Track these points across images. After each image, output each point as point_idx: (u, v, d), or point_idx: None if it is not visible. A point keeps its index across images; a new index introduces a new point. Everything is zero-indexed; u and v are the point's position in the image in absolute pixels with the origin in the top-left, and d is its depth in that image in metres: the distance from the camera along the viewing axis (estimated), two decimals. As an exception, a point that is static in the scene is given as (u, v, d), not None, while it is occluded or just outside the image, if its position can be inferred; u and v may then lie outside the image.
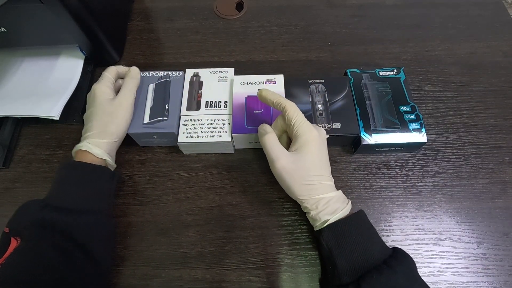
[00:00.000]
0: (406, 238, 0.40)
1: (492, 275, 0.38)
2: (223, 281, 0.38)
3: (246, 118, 0.42)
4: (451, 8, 0.58)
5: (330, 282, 0.35)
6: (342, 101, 0.44)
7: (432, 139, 0.46)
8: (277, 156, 0.35)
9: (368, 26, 0.56)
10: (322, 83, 0.45)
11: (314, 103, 0.43)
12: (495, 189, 0.43)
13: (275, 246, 0.40)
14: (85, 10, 0.45)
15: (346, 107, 0.43)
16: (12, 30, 0.46)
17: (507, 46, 0.54)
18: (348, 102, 0.44)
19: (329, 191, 0.36)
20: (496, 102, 0.49)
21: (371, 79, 0.46)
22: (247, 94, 0.44)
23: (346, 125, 0.42)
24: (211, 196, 0.43)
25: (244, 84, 0.45)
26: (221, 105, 0.44)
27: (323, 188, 0.36)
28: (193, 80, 0.46)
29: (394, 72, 0.46)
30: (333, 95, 0.44)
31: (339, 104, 0.43)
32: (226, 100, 0.44)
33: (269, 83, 0.45)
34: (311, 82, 0.45)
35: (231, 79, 0.46)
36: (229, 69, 0.47)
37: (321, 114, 0.42)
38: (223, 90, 0.45)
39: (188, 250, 0.40)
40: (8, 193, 0.44)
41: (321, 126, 0.42)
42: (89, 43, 0.49)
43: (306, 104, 0.43)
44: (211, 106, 0.44)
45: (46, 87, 0.49)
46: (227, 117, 0.43)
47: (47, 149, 0.47)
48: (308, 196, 0.35)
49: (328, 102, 0.44)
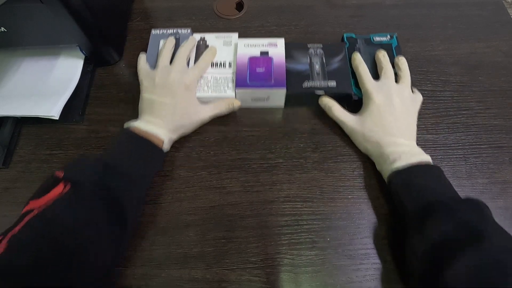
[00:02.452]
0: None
1: (492, 275, 0.38)
2: (223, 281, 0.38)
3: (249, 76, 0.46)
4: (451, 8, 0.58)
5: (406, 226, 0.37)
6: (338, 63, 0.47)
7: (432, 139, 0.46)
8: (345, 119, 0.44)
9: (368, 26, 0.56)
10: (320, 48, 0.49)
11: (312, 64, 0.47)
12: (495, 189, 0.42)
13: (275, 246, 0.40)
14: (85, 10, 0.45)
15: (341, 69, 0.47)
16: (12, 30, 0.46)
17: (507, 46, 0.54)
18: (344, 64, 0.47)
19: (409, 140, 0.42)
20: (496, 102, 0.49)
21: (365, 43, 0.50)
22: (250, 55, 0.48)
23: (340, 83, 0.46)
24: (211, 196, 0.43)
25: (248, 47, 0.49)
26: (226, 65, 0.48)
27: (394, 138, 0.41)
28: (200, 44, 0.50)
29: (388, 38, 0.50)
30: (330, 58, 0.48)
31: (335, 65, 0.47)
32: (230, 61, 0.48)
33: (271, 46, 0.48)
34: (310, 46, 0.49)
35: (235, 43, 0.49)
36: (234, 34, 0.50)
37: (318, 73, 0.46)
38: (228, 52, 0.49)
39: (188, 250, 0.40)
40: (8, 193, 0.44)
41: (318, 84, 0.46)
42: (89, 43, 0.49)
43: (304, 64, 0.47)
44: (217, 66, 0.47)
45: (46, 87, 0.49)
46: (231, 75, 0.47)
47: (47, 149, 0.47)
48: (390, 141, 0.41)
49: (325, 64, 0.47)
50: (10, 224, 0.42)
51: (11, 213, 0.42)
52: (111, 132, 0.48)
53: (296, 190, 0.43)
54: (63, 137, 0.48)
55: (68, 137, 0.47)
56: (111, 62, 0.54)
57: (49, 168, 0.45)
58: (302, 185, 0.43)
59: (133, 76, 0.53)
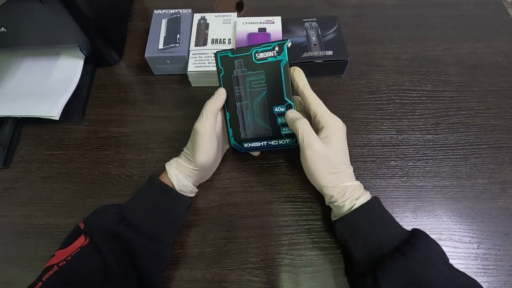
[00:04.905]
0: (406, 238, 0.40)
1: (492, 275, 0.38)
2: (223, 281, 0.38)
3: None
4: (451, 8, 0.58)
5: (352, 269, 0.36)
6: (333, 34, 0.50)
7: (432, 139, 0.46)
8: (312, 142, 0.35)
9: (368, 26, 0.56)
10: (315, 21, 0.52)
11: (309, 36, 0.50)
12: (495, 189, 0.42)
13: (275, 246, 0.40)
14: (85, 10, 0.45)
15: (336, 39, 0.49)
16: (12, 30, 0.46)
17: (507, 46, 0.54)
18: (338, 35, 0.50)
19: (352, 179, 0.37)
20: (496, 102, 0.49)
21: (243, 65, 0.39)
22: (249, 32, 0.50)
23: (336, 52, 0.48)
24: (211, 196, 0.43)
25: (246, 24, 0.51)
26: (225, 42, 0.50)
27: (347, 177, 0.37)
28: (201, 23, 0.52)
29: (274, 53, 0.37)
30: (324, 30, 0.51)
31: (330, 36, 0.50)
32: (230, 38, 0.51)
33: (268, 23, 0.51)
34: (305, 21, 0.52)
35: (234, 21, 0.52)
36: (232, 14, 0.53)
37: (315, 44, 0.49)
38: (227, 30, 0.51)
39: (188, 250, 0.40)
40: (8, 193, 0.44)
41: (315, 54, 0.48)
42: (89, 43, 0.49)
43: (301, 37, 0.50)
44: (217, 43, 0.50)
45: (46, 87, 0.49)
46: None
47: (47, 149, 0.47)
48: (336, 184, 0.36)
49: (321, 35, 0.50)
50: (10, 224, 0.42)
51: (11, 213, 0.42)
52: (111, 132, 0.48)
53: (296, 190, 0.43)
54: (63, 137, 0.48)
55: (68, 137, 0.47)
56: (111, 62, 0.54)
57: (49, 168, 0.45)
58: (302, 185, 0.43)
59: (133, 76, 0.53)
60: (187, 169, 0.38)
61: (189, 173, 0.38)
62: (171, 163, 0.39)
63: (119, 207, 0.37)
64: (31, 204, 0.43)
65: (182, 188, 0.38)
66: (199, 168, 0.38)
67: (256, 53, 0.38)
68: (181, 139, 0.46)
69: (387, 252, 0.32)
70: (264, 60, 0.38)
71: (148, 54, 0.49)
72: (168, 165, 0.39)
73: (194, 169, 0.38)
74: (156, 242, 0.35)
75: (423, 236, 0.33)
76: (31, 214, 0.42)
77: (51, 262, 0.33)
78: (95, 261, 0.33)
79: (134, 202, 0.38)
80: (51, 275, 0.31)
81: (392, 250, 0.32)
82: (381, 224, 0.34)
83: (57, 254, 0.33)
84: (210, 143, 0.38)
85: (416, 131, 0.46)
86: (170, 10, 0.53)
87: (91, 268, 0.32)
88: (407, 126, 0.47)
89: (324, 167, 0.35)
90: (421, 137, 0.46)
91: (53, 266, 0.32)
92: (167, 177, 0.38)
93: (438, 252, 0.33)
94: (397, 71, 0.52)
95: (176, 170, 0.38)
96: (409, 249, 0.32)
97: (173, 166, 0.38)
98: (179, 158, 0.39)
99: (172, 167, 0.38)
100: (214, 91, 0.39)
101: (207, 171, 0.40)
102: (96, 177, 0.44)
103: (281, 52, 0.37)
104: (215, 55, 0.39)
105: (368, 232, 0.34)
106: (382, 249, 0.33)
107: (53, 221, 0.42)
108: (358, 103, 0.49)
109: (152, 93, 0.51)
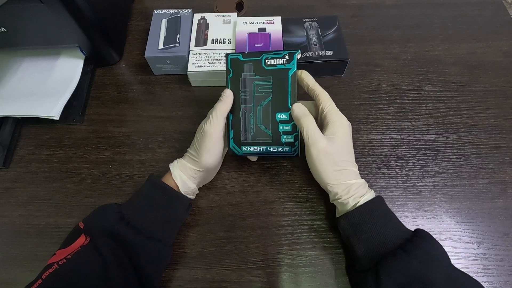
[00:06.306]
0: (406, 238, 0.40)
1: (492, 275, 0.38)
2: (223, 281, 0.38)
3: (248, 51, 0.48)
4: (451, 8, 0.58)
5: (353, 267, 0.36)
6: (333, 34, 0.50)
7: (432, 139, 0.46)
8: (317, 139, 0.35)
9: (368, 26, 0.56)
10: (315, 21, 0.52)
11: (309, 36, 0.50)
12: (495, 189, 0.42)
13: (275, 246, 0.40)
14: (85, 10, 0.45)
15: (336, 39, 0.49)
16: (12, 30, 0.46)
17: (507, 46, 0.54)
18: (338, 35, 0.50)
19: (357, 177, 0.37)
20: (496, 102, 0.49)
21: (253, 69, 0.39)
22: (248, 32, 0.50)
23: (336, 52, 0.48)
24: (211, 196, 0.43)
25: (246, 24, 0.51)
26: (225, 42, 0.50)
27: (352, 174, 0.37)
28: (201, 23, 0.52)
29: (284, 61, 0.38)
30: (324, 30, 0.51)
31: (330, 36, 0.50)
32: (230, 38, 0.51)
33: (268, 23, 0.51)
34: (305, 21, 0.52)
35: (234, 21, 0.52)
36: (232, 13, 0.53)
37: (315, 44, 0.49)
38: (227, 30, 0.51)
39: (188, 250, 0.40)
40: (8, 193, 0.44)
41: (315, 54, 0.48)
42: (89, 43, 0.49)
43: (301, 37, 0.50)
44: (217, 43, 0.50)
45: (46, 87, 0.49)
46: (231, 50, 0.49)
47: (47, 149, 0.47)
48: (340, 181, 0.36)
49: (321, 35, 0.50)
50: (10, 224, 0.42)
51: (11, 213, 0.42)
52: (111, 132, 0.48)
53: (296, 190, 0.43)
54: (63, 137, 0.48)
55: (68, 137, 0.47)
56: (111, 62, 0.54)
57: (49, 168, 0.45)
58: (302, 185, 0.43)
59: (133, 76, 0.53)
60: (192, 170, 0.38)
61: (193, 174, 0.38)
62: (175, 164, 0.39)
63: (118, 206, 0.37)
64: (31, 204, 0.43)
65: (186, 190, 0.38)
66: (204, 169, 0.38)
67: (266, 59, 0.39)
68: (181, 139, 0.47)
69: (389, 250, 0.32)
70: (273, 67, 0.39)
71: (148, 54, 0.49)
72: (172, 166, 0.39)
73: (198, 170, 0.38)
74: (155, 241, 0.35)
75: (426, 236, 0.33)
76: (31, 214, 0.42)
77: (51, 260, 0.33)
78: (95, 260, 0.33)
79: (133, 201, 0.38)
80: (51, 273, 0.31)
81: (394, 248, 0.32)
82: (384, 222, 0.35)
83: (58, 253, 0.34)
84: (218, 145, 0.38)
85: (416, 131, 0.46)
86: (170, 10, 0.53)
87: (91, 267, 0.32)
88: (407, 126, 0.47)
89: (328, 164, 0.36)
90: (421, 137, 0.46)
91: (53, 264, 0.32)
92: (171, 178, 0.38)
93: (441, 252, 0.33)
94: (397, 71, 0.52)
95: (181, 171, 0.38)
96: (412, 247, 0.32)
97: (177, 167, 0.38)
98: (183, 159, 0.39)
99: (177, 168, 0.38)
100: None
101: (210, 173, 0.41)
102: (96, 177, 0.44)
103: (291, 61, 0.38)
104: (226, 56, 0.40)
105: (372, 229, 0.34)
106: (385, 247, 0.33)
107: (53, 221, 0.42)
108: (358, 103, 0.49)
109: (152, 93, 0.51)
